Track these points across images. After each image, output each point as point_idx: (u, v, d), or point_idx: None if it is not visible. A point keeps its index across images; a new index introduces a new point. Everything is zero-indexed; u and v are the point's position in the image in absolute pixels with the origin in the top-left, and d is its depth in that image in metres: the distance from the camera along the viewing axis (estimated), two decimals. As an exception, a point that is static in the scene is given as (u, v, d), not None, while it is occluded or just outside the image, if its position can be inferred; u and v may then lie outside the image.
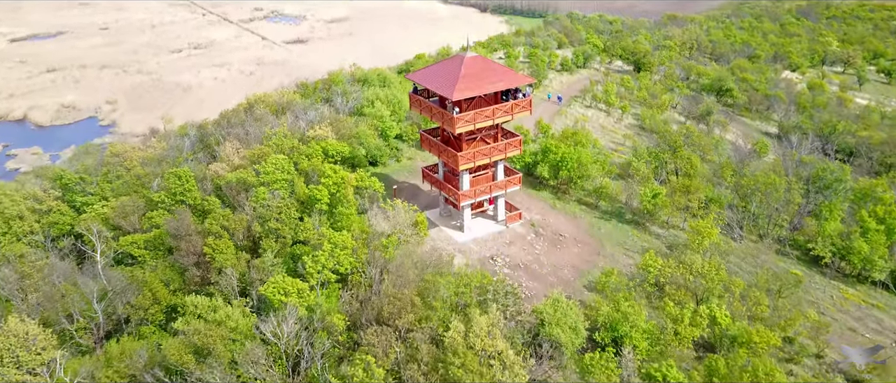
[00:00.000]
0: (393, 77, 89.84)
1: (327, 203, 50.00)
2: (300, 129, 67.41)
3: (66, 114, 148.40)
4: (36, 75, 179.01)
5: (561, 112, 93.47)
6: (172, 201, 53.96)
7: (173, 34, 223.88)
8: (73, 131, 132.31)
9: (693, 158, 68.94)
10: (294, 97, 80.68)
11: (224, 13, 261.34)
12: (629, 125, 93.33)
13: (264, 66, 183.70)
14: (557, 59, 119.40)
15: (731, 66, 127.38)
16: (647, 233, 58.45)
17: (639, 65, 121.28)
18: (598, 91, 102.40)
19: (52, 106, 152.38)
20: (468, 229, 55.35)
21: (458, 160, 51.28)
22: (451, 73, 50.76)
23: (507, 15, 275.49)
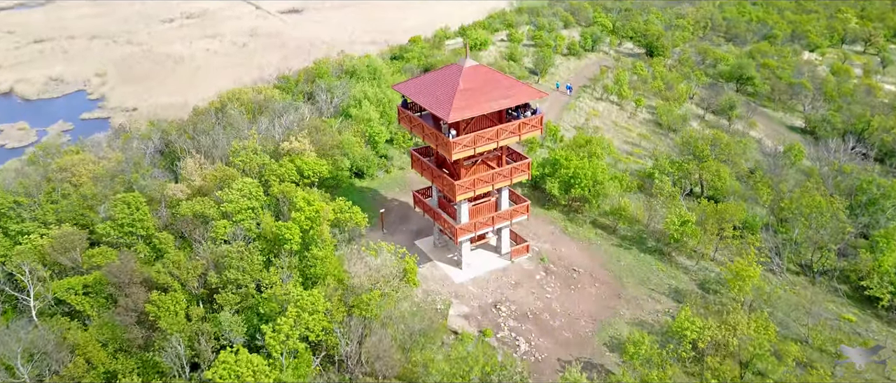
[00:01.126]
0: (384, 68, 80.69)
1: (299, 242, 41.57)
2: (275, 138, 58.67)
3: (53, 88, 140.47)
4: (23, 46, 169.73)
5: (570, 106, 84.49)
6: (120, 233, 45.51)
7: (165, 2, 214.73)
8: (61, 105, 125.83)
9: (722, 170, 60.38)
10: (273, 93, 71.67)
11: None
12: (645, 120, 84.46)
13: (258, 37, 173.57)
14: (564, 42, 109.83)
15: (750, 49, 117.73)
16: (673, 265, 50.16)
17: (651, 48, 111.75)
18: (610, 80, 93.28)
19: (39, 78, 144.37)
20: (467, 266, 47.04)
21: (455, 189, 42.78)
22: (447, 86, 41.93)
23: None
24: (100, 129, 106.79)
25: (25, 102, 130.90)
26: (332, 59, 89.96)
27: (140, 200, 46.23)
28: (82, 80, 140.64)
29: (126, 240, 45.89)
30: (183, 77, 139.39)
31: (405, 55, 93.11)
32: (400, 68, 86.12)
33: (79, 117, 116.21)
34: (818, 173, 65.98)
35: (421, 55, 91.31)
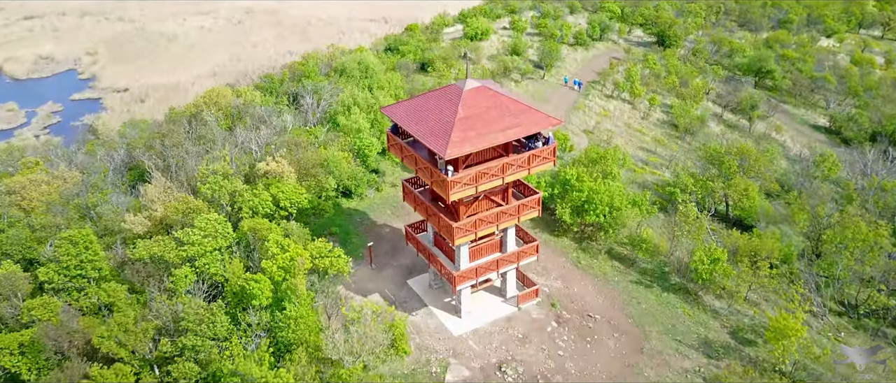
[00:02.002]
0: (376, 64, 73.65)
1: (270, 296, 35.27)
2: (253, 151, 52.06)
3: (43, 67, 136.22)
4: (13, 23, 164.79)
5: (578, 106, 77.70)
6: (66, 277, 39.14)
7: None
8: (50, 85, 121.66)
9: (750, 189, 53.87)
10: (253, 97, 64.81)
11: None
12: (659, 121, 77.67)
13: (253, 14, 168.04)
14: (570, 31, 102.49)
15: (767, 37, 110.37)
16: (700, 307, 43.90)
17: (663, 37, 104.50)
18: (620, 76, 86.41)
19: (28, 57, 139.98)
20: (467, 314, 40.78)
21: (454, 232, 36.35)
22: (444, 113, 35.27)
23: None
24: (90, 110, 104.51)
25: (14, 82, 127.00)
26: (322, 52, 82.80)
27: (89, 238, 39.70)
28: (73, 59, 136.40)
29: (75, 284, 39.56)
30: (176, 56, 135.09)
31: (401, 48, 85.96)
32: (394, 64, 79.12)
33: (69, 98, 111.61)
34: (854, 188, 59.46)
35: (417, 49, 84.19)
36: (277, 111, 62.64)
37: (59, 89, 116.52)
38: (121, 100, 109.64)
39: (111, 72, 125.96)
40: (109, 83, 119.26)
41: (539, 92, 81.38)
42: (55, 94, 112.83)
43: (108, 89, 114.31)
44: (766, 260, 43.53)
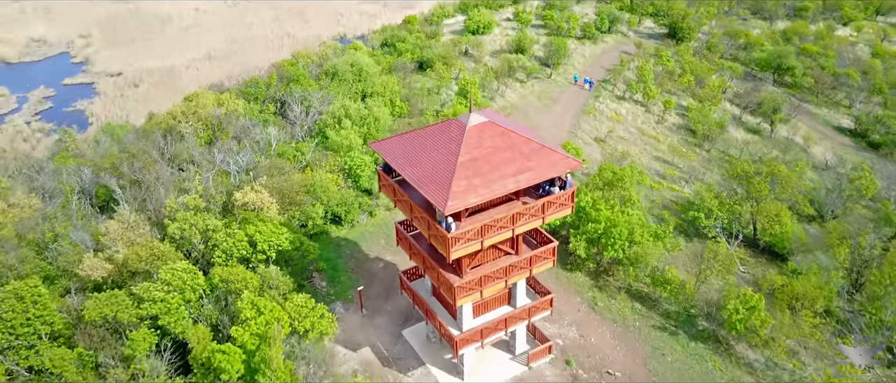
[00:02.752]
0: (371, 66, 67.90)
1: (242, 368, 30.11)
2: (230, 173, 46.68)
3: (35, 50, 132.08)
4: (4, 5, 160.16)
5: (588, 109, 72.05)
6: (12, 335, 33.93)
7: None
8: (43, 69, 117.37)
9: (782, 214, 48.51)
10: (236, 106, 59.16)
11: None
12: (675, 126, 72.01)
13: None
14: (578, 23, 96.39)
15: (785, 30, 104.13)
16: (733, 360, 38.87)
17: (675, 29, 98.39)
18: (632, 74, 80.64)
19: (20, 40, 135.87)
20: (471, 374, 35.64)
21: (455, 292, 31.08)
22: (444, 155, 29.86)
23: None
24: (83, 96, 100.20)
25: (6, 66, 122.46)
26: (313, 51, 76.89)
27: (37, 291, 34.46)
28: (66, 42, 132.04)
29: (23, 342, 34.40)
30: (171, 38, 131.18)
31: (397, 45, 79.97)
32: (390, 65, 73.28)
33: (61, 82, 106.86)
34: (893, 209, 54.10)
35: (415, 47, 78.22)
36: (262, 123, 57.11)
37: (52, 73, 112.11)
38: (114, 85, 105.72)
39: (105, 55, 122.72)
40: (103, 67, 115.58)
41: (546, 92, 75.69)
42: (47, 79, 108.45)
43: (101, 73, 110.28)
44: (807, 308, 38.28)
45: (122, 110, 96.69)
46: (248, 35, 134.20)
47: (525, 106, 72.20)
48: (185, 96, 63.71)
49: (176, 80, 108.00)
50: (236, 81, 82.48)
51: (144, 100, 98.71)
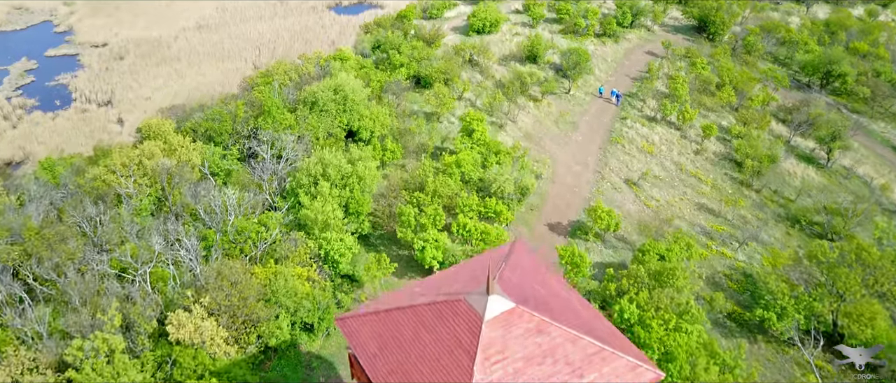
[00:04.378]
0: (358, 89, 56.01)
1: None
2: (170, 287, 35.63)
3: (17, 18, 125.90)
4: None
5: (616, 137, 60.55)
6: None
7: None
8: (24, 38, 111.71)
9: (876, 313, 37.61)
10: (190, 155, 47.67)
11: None
12: (717, 156, 60.50)
13: None
14: (596, 17, 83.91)
15: (828, 22, 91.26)
16: None
17: (705, 23, 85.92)
18: (661, 84, 68.86)
19: (2, 7, 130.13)
20: None
21: None
22: (447, 373, 18.74)
23: None
24: (67, 69, 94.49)
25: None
26: (290, 63, 64.83)
27: None
28: (49, 10, 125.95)
29: None
30: (158, 6, 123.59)
31: (391, 54, 67.72)
32: (381, 85, 61.43)
33: (44, 54, 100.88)
34: None
35: (411, 60, 66.03)
36: (222, 179, 45.79)
37: (34, 43, 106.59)
38: (99, 58, 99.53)
39: (89, 24, 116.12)
40: (87, 37, 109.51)
41: (566, 114, 64.01)
42: (29, 49, 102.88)
43: (85, 44, 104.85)
44: None
45: (107, 85, 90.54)
46: (239, 3, 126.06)
47: (541, 134, 60.60)
48: (136, 140, 52.36)
49: (163, 51, 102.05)
50: (211, 93, 71.19)
51: (130, 74, 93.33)
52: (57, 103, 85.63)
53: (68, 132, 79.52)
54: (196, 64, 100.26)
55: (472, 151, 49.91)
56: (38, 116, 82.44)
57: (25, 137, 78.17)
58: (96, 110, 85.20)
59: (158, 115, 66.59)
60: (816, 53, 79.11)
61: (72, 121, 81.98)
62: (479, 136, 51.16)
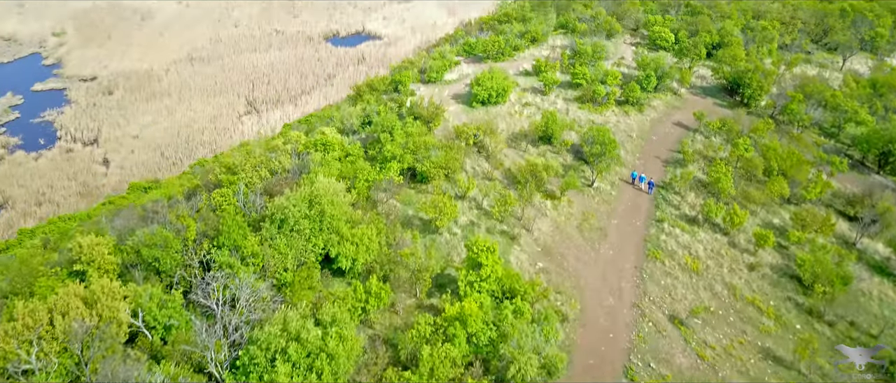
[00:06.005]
0: (339, 204, 44.96)
1: None
2: None
3: (5, 50, 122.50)
4: None
5: (652, 251, 49.37)
6: None
7: None
8: (11, 72, 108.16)
9: None
10: (116, 310, 36.47)
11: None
12: (775, 270, 49.24)
13: None
14: (617, 81, 73.17)
15: (874, 82, 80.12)
16: None
17: (738, 84, 75.21)
18: (698, 169, 57.95)
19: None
20: None
21: None
22: None
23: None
24: (53, 104, 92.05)
25: None
26: (261, 155, 53.81)
27: None
28: (38, 41, 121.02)
29: None
30: (150, 36, 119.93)
31: (381, 135, 56.57)
32: (369, 185, 50.34)
33: (30, 88, 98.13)
34: None
35: (406, 147, 54.88)
36: (159, 332, 34.62)
37: (21, 77, 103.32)
38: (87, 92, 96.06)
39: (78, 56, 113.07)
40: (76, 70, 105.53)
41: (590, 217, 52.87)
42: (16, 83, 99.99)
43: (73, 78, 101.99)
44: None
45: (94, 122, 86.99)
46: (233, 33, 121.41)
47: (562, 246, 49.42)
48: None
49: (154, 85, 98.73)
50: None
51: (118, 110, 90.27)
52: (41, 142, 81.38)
53: (51, 174, 75.38)
54: (187, 99, 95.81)
55: (481, 295, 38.72)
56: (21, 156, 78.17)
57: (6, 180, 73.78)
58: (81, 150, 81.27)
59: (143, 159, 63.48)
60: (870, 126, 68.19)
61: (55, 162, 77.60)
62: (489, 271, 39.97)
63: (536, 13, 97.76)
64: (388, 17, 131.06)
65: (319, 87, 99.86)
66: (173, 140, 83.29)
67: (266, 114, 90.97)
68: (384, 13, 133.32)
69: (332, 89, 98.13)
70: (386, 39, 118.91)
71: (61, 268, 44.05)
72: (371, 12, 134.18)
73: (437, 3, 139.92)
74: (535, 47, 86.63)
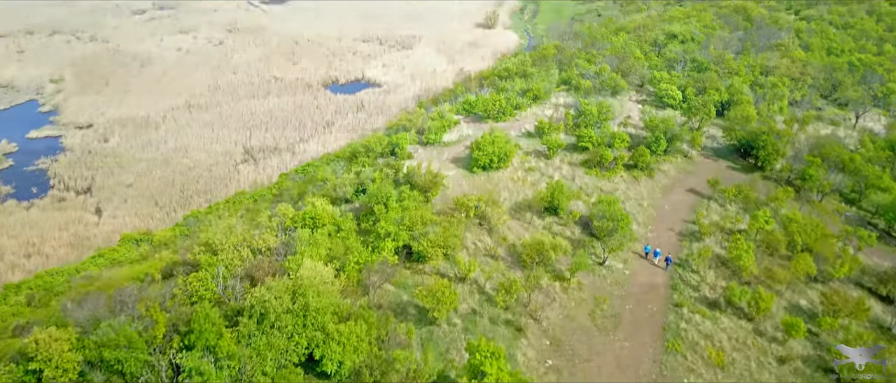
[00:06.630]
0: (324, 295, 40.38)
1: None
2: None
3: (2, 96, 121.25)
4: None
5: (671, 343, 44.58)
6: None
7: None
8: (7, 118, 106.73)
9: None
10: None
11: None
12: (807, 365, 44.41)
13: (237, 33, 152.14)
14: (624, 145, 69.29)
15: (892, 142, 76.30)
16: None
17: (752, 147, 71.37)
18: (715, 243, 53.56)
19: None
20: None
21: None
22: None
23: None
24: (48, 152, 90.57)
25: None
26: (242, 233, 49.43)
27: None
28: (36, 88, 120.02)
29: None
30: (149, 82, 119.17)
31: (376, 207, 52.19)
32: (360, 267, 45.81)
33: (25, 135, 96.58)
34: None
35: (401, 224, 50.34)
36: None
37: (17, 123, 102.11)
38: (82, 139, 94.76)
39: (75, 103, 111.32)
40: (72, 117, 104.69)
41: (602, 301, 48.18)
42: (11, 131, 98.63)
43: (69, 125, 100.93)
44: None
45: (88, 171, 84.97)
46: (232, 80, 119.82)
47: (574, 338, 44.65)
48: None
49: (150, 133, 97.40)
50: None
51: (113, 158, 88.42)
52: (33, 191, 79.54)
53: (42, 224, 73.23)
54: (183, 147, 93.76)
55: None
56: (12, 206, 76.31)
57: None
58: (74, 199, 79.18)
59: (137, 208, 62.87)
60: (894, 194, 64.10)
61: (46, 212, 75.48)
62: (494, 380, 35.14)
63: (538, 68, 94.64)
64: (387, 64, 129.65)
65: (318, 134, 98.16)
66: (168, 188, 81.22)
67: (263, 161, 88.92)
68: (384, 60, 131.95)
69: (331, 136, 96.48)
70: (385, 87, 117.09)
71: (17, 364, 39.37)
72: (371, 59, 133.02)
73: (437, 50, 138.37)
74: (538, 105, 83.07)
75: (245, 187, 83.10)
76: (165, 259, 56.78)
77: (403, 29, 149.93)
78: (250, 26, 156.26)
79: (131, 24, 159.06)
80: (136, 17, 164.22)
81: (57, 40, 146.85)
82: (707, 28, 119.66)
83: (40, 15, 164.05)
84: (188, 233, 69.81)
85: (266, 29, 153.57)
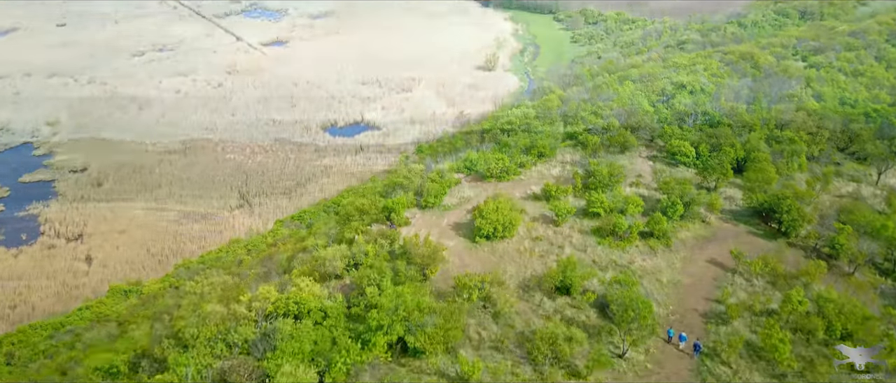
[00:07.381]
0: None
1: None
2: None
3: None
4: None
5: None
6: None
7: (137, 31, 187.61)
8: (1, 161, 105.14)
9: None
10: None
11: (198, 5, 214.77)
12: None
13: (235, 74, 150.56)
14: (639, 211, 64.02)
15: (925, 204, 71.13)
16: None
17: (775, 211, 66.01)
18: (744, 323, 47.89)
19: None
20: None
21: None
22: None
23: (513, 10, 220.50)
24: (40, 197, 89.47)
25: None
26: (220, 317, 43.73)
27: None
28: (31, 130, 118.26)
29: None
30: (146, 125, 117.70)
31: (367, 289, 46.56)
32: (348, 369, 40.04)
33: (18, 179, 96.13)
34: None
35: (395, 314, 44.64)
36: None
37: (10, 167, 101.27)
38: (76, 184, 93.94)
39: (71, 147, 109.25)
40: (66, 161, 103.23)
41: (621, 401, 42.36)
42: (4, 174, 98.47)
43: (63, 169, 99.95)
44: None
45: (80, 217, 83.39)
46: (230, 122, 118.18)
47: (592, 452, 38.69)
48: None
49: (144, 177, 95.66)
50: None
51: (106, 203, 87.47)
52: (23, 237, 78.57)
53: (29, 272, 72.02)
54: (177, 192, 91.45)
55: None
56: (1, 253, 75.52)
57: (-18, 278, 68.93)
58: (64, 246, 77.49)
59: (128, 256, 64.04)
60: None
61: (35, 260, 74.20)
62: None
63: (541, 121, 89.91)
64: (387, 106, 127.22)
65: (315, 178, 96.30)
66: (161, 236, 79.85)
67: (259, 206, 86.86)
68: (383, 103, 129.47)
69: (329, 180, 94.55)
70: (384, 129, 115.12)
71: None
72: (370, 102, 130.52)
73: (437, 93, 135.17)
74: (543, 163, 78.04)
75: (240, 234, 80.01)
76: (137, 342, 51.15)
77: (403, 71, 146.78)
78: (249, 68, 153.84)
79: (129, 66, 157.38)
80: (135, 58, 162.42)
81: (54, 82, 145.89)
82: (715, 76, 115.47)
83: (39, 57, 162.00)
84: (178, 285, 66.19)
85: (265, 71, 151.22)
